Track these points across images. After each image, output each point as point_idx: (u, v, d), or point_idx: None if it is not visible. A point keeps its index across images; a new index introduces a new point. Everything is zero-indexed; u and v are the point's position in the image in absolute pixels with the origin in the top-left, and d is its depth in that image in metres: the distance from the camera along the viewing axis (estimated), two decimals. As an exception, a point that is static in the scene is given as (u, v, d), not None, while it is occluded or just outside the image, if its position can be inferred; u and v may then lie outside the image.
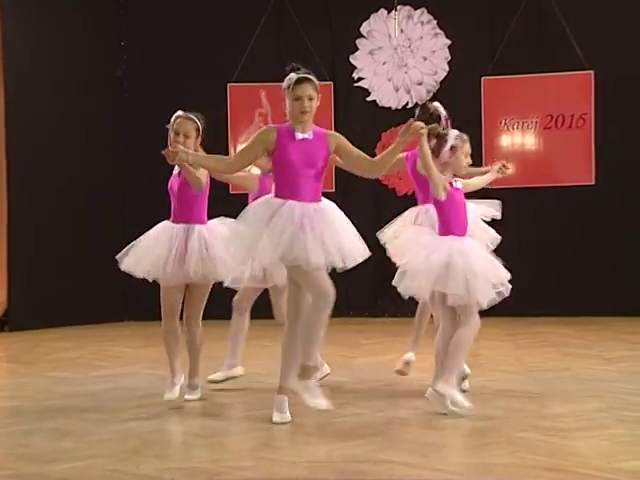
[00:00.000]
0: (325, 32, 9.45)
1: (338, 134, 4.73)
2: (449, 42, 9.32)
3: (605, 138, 8.94)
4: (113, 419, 4.80)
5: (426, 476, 3.71)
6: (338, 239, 4.49)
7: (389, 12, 9.34)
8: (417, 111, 5.59)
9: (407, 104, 9.39)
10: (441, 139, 4.89)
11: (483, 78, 9.16)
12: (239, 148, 5.72)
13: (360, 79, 9.45)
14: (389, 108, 9.40)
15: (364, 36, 9.44)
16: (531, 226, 9.04)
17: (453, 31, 9.28)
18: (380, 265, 5.56)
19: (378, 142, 9.23)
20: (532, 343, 7.43)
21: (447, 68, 9.32)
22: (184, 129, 5.05)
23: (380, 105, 9.39)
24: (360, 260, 4.58)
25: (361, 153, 4.65)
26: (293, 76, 4.57)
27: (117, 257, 5.19)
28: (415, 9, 9.37)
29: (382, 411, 4.84)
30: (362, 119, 9.22)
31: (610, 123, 8.92)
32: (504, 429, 4.46)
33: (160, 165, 9.10)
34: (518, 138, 9.19)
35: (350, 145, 4.66)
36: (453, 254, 4.71)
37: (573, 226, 9.04)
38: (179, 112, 5.13)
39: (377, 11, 9.40)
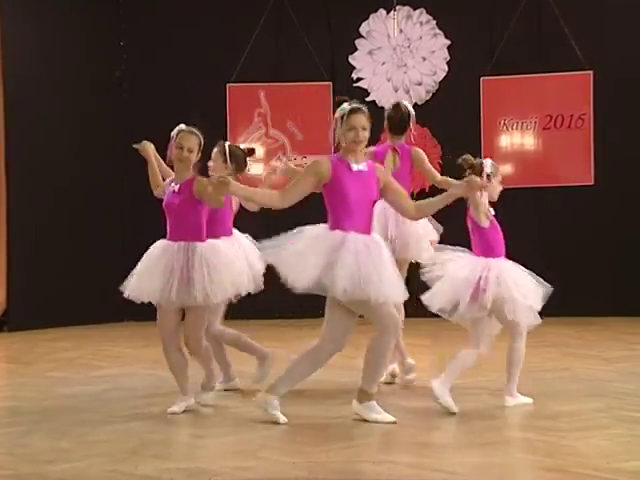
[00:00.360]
0: (324, 32, 9.45)
1: (383, 169, 4.76)
2: (448, 42, 9.32)
3: (604, 138, 8.94)
4: (112, 419, 4.80)
5: (426, 476, 3.70)
6: (392, 273, 4.53)
7: (388, 12, 9.34)
8: (387, 111, 5.73)
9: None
10: (476, 169, 4.92)
11: (482, 78, 9.16)
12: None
13: (359, 79, 9.45)
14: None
15: (363, 36, 9.44)
16: (530, 226, 9.04)
17: (452, 31, 9.28)
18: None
19: (377, 142, 9.22)
20: (532, 343, 7.37)
21: (446, 68, 9.32)
22: (188, 143, 4.92)
23: (379, 105, 9.37)
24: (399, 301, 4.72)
25: (404, 193, 4.72)
26: (346, 106, 4.61)
27: (120, 288, 5.21)
28: (414, 9, 9.37)
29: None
30: (361, 119, 9.21)
31: (609, 123, 8.92)
32: (503, 429, 4.47)
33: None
34: (517, 138, 9.18)
35: (395, 183, 4.70)
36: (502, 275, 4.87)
37: (572, 226, 9.04)
38: (182, 125, 5.00)
39: (376, 11, 9.40)
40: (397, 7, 9.26)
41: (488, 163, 4.98)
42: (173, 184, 4.99)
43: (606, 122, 8.93)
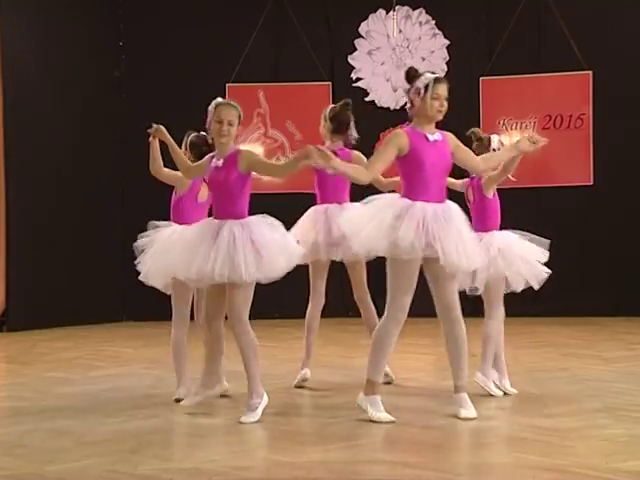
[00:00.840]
0: (323, 32, 9.45)
1: (452, 135, 4.79)
2: (447, 42, 9.32)
3: (603, 138, 8.94)
4: (111, 419, 4.80)
5: (424, 476, 3.71)
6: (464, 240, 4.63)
7: (387, 12, 9.34)
8: (329, 112, 5.67)
9: (405, 104, 9.37)
10: (483, 143, 5.19)
11: (481, 78, 9.17)
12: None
13: (358, 79, 9.45)
14: (387, 108, 9.40)
15: (362, 36, 9.44)
16: (529, 226, 9.00)
17: (451, 31, 9.29)
18: (378, 266, 5.56)
19: (376, 142, 9.22)
20: (530, 343, 7.43)
21: (445, 68, 9.32)
22: (228, 117, 4.70)
23: (379, 105, 9.39)
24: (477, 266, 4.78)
25: (471, 152, 4.85)
26: (430, 76, 4.67)
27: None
28: (413, 9, 9.37)
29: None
30: (360, 119, 9.18)
31: (608, 123, 8.92)
32: (502, 429, 4.47)
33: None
34: (516, 138, 9.17)
35: (461, 144, 4.79)
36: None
37: (571, 226, 9.04)
38: (219, 99, 4.82)
39: (375, 11, 9.40)
40: (396, 7, 9.26)
41: (495, 139, 5.22)
42: (215, 160, 4.77)
43: (605, 122, 8.93)
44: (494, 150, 5.11)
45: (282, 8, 9.33)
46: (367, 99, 9.41)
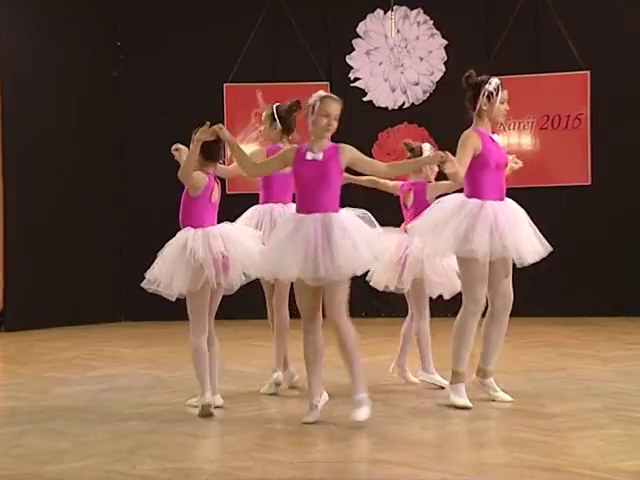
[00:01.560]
0: (321, 32, 9.45)
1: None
2: (445, 42, 9.32)
3: (601, 138, 8.94)
4: (109, 419, 4.79)
5: (422, 476, 3.71)
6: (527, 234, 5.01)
7: (385, 12, 9.34)
8: (280, 110, 5.73)
9: (403, 104, 9.40)
10: (415, 152, 5.57)
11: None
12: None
13: (356, 79, 9.45)
14: (385, 108, 9.40)
15: (360, 36, 9.44)
16: (527, 226, 9.04)
17: (449, 31, 9.29)
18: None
19: (375, 142, 9.24)
20: (528, 343, 7.44)
21: (443, 68, 9.33)
22: (335, 111, 4.65)
23: (377, 105, 9.39)
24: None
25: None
26: (498, 80, 5.13)
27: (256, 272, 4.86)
28: (411, 9, 9.37)
29: (379, 411, 4.84)
30: (358, 119, 9.22)
31: (606, 123, 8.92)
32: (500, 429, 4.47)
33: (156, 165, 9.11)
34: (514, 138, 9.19)
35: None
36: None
37: (569, 226, 9.04)
38: (321, 92, 4.74)
39: (373, 11, 9.40)
40: (394, 7, 9.26)
41: (427, 147, 5.56)
42: (310, 153, 4.64)
43: (603, 122, 8.93)
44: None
45: (280, 8, 9.33)
46: (365, 99, 9.41)
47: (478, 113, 5.00)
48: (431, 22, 9.36)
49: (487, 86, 4.98)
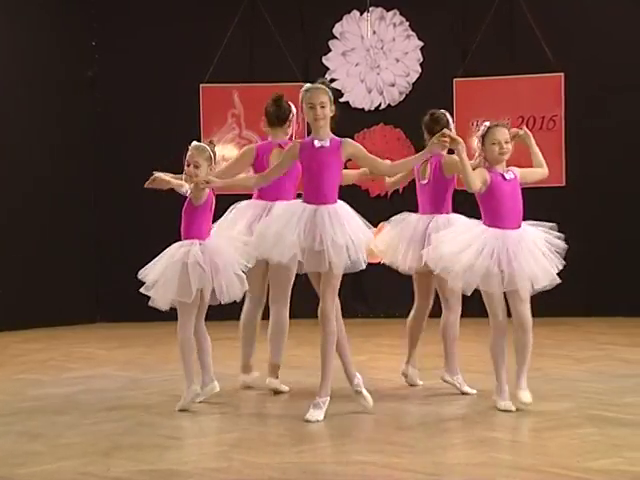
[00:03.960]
0: (298, 33, 9.45)
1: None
2: (421, 44, 9.35)
3: (575, 139, 9.01)
4: (84, 421, 4.77)
5: (397, 476, 3.72)
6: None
7: (361, 13, 9.35)
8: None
9: (380, 105, 9.42)
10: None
11: (455, 80, 9.20)
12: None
13: (333, 80, 9.44)
14: (362, 109, 9.41)
15: (337, 37, 9.45)
16: (502, 227, 9.08)
17: (425, 33, 9.32)
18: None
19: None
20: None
21: (419, 70, 9.36)
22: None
23: (353, 106, 9.40)
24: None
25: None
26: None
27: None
28: (387, 11, 9.39)
29: (354, 412, 4.85)
30: (335, 120, 9.22)
31: (580, 125, 8.99)
32: (475, 429, 4.49)
33: (131, 165, 9.06)
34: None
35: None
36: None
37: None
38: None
39: (349, 12, 9.40)
40: (370, 8, 9.28)
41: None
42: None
43: (577, 123, 9.00)
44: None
45: (256, 8, 9.31)
46: (341, 100, 9.41)
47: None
48: (407, 23, 9.38)
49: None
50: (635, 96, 8.95)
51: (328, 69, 9.43)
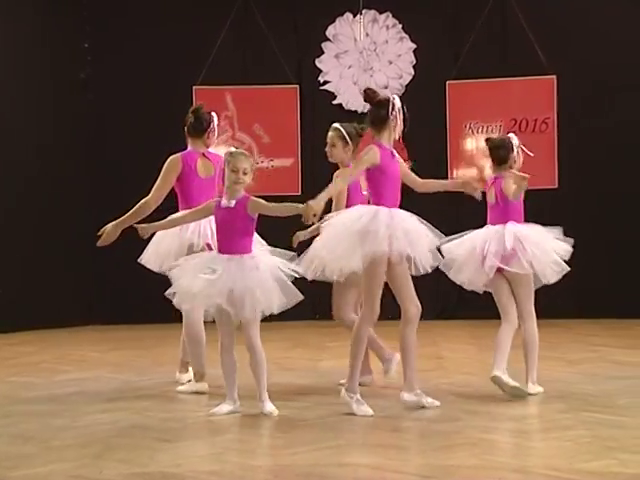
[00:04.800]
0: (291, 35, 9.46)
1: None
2: (414, 46, 9.37)
3: (568, 142, 9.04)
4: (76, 424, 4.76)
5: (390, 478, 3.72)
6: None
7: (354, 16, 9.37)
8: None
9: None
10: None
11: (448, 82, 9.22)
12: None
13: (326, 82, 9.47)
14: (355, 111, 9.40)
15: (330, 39, 9.46)
16: (495, 229, 9.09)
17: (418, 35, 9.33)
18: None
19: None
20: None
21: (412, 72, 9.37)
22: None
23: (346, 109, 9.41)
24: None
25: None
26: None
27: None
28: (380, 13, 9.40)
29: (347, 414, 4.85)
30: (328, 123, 9.18)
31: (572, 127, 9.02)
32: (467, 431, 4.50)
33: (125, 166, 9.04)
34: (483, 142, 9.23)
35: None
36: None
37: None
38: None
39: (343, 15, 9.41)
40: (363, 11, 9.29)
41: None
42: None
43: (570, 126, 9.03)
44: None
45: (249, 10, 9.32)
46: (334, 102, 9.43)
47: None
48: (400, 26, 9.40)
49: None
50: (630, 96, 8.97)
51: (321, 71, 9.44)
